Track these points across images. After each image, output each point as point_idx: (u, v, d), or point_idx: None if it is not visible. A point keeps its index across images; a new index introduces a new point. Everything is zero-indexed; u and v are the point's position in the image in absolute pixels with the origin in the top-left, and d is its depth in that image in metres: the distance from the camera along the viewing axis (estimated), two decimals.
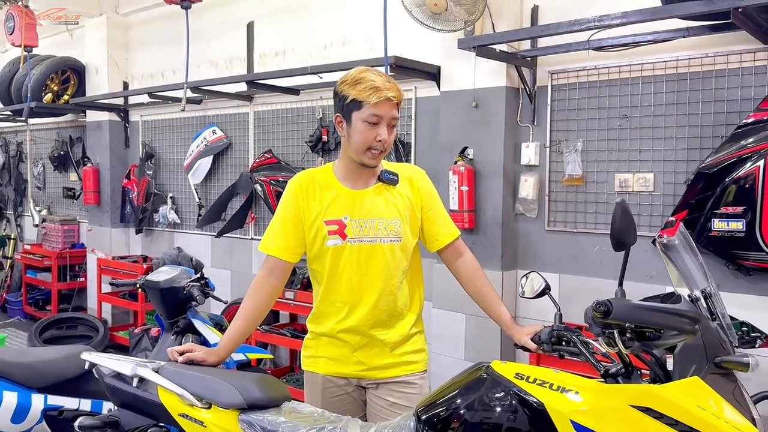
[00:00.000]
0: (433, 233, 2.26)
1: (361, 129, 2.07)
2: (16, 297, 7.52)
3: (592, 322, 1.64)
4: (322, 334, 2.24)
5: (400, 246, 2.18)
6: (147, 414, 1.91)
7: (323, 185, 2.19)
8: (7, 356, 2.72)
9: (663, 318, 1.60)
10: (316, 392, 2.25)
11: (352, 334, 2.19)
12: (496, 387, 1.71)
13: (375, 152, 2.09)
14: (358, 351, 2.20)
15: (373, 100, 2.03)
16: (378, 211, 2.16)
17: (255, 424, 1.79)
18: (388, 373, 2.21)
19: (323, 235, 2.15)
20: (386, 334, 2.20)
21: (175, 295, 3.21)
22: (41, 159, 7.83)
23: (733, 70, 3.15)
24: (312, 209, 2.16)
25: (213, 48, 5.60)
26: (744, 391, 1.69)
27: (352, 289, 2.16)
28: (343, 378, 2.24)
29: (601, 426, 1.56)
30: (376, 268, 2.15)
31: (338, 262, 2.15)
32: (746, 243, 2.98)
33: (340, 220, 2.14)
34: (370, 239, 2.15)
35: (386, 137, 2.08)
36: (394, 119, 2.10)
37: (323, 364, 2.25)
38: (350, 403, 2.25)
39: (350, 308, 2.17)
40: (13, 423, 2.61)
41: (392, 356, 2.21)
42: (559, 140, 3.72)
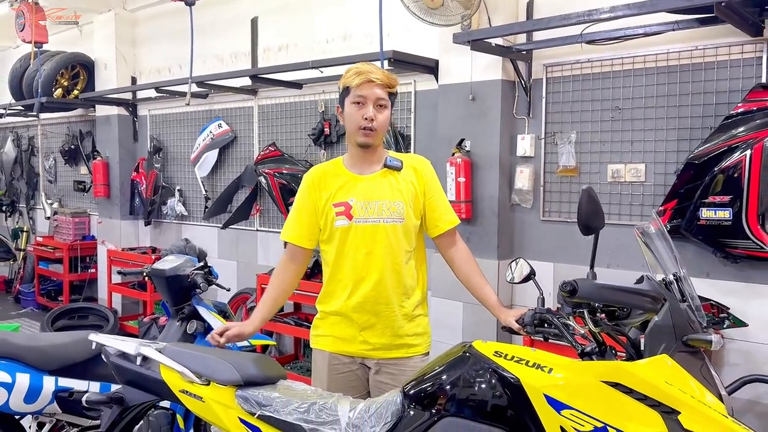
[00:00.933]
0: (434, 219, 2.40)
1: (350, 111, 2.27)
2: (28, 288, 7.69)
3: (563, 302, 1.74)
4: (330, 313, 2.39)
5: (403, 226, 2.33)
6: (150, 390, 2.02)
7: (333, 175, 2.38)
8: (19, 340, 2.85)
9: (625, 297, 1.70)
10: (323, 369, 2.39)
11: (359, 313, 2.32)
12: (476, 364, 1.82)
13: (365, 131, 2.25)
14: (364, 331, 2.34)
15: (356, 83, 2.23)
16: (382, 194, 2.32)
17: (250, 399, 1.91)
18: (391, 353, 2.35)
19: (332, 217, 2.32)
20: (391, 313, 2.33)
21: (180, 282, 3.32)
22: (52, 153, 7.99)
23: (722, 62, 3.22)
24: (323, 197, 2.35)
25: (218, 43, 5.71)
26: (712, 369, 1.78)
27: (357, 268, 2.31)
28: (348, 356, 2.37)
29: (573, 400, 1.66)
30: (379, 247, 2.30)
31: (345, 241, 2.31)
32: (733, 231, 3.05)
33: (346, 202, 2.32)
34: (374, 219, 2.30)
35: (372, 115, 2.24)
36: (381, 99, 2.26)
37: (330, 342, 2.39)
38: (355, 380, 2.38)
39: (355, 285, 2.32)
40: (26, 403, 2.73)
41: (395, 337, 2.35)
42: (553, 132, 3.80)
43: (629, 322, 1.80)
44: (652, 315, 1.73)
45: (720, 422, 1.65)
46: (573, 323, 1.88)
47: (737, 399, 3.21)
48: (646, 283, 1.76)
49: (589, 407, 1.65)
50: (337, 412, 1.89)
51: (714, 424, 1.65)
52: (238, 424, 1.91)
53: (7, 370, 2.70)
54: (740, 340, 3.21)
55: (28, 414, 2.82)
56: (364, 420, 1.87)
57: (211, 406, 1.93)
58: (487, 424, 1.75)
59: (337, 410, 1.90)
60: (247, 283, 5.49)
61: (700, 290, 3.24)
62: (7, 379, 2.68)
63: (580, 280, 1.69)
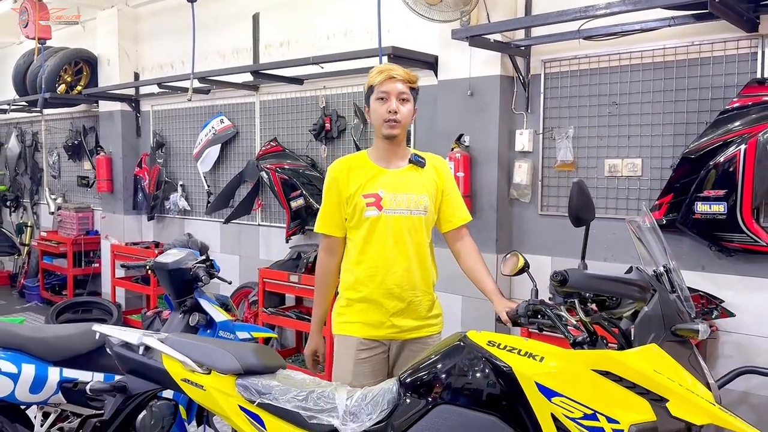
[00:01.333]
0: (448, 215, 2.56)
1: (375, 107, 2.45)
2: (33, 282, 7.76)
3: (555, 292, 1.79)
4: (358, 300, 2.49)
5: (426, 219, 2.49)
6: (152, 379, 2.08)
7: (359, 167, 2.51)
8: (25, 332, 2.90)
9: (614, 286, 1.74)
10: (349, 355, 2.46)
11: (389, 299, 2.45)
12: (470, 353, 1.86)
13: (390, 123, 2.41)
14: (393, 316, 2.46)
15: (378, 80, 2.42)
16: (410, 187, 2.47)
17: (250, 388, 1.96)
18: (413, 334, 2.50)
19: (362, 207, 2.44)
20: (417, 298, 2.48)
21: (182, 275, 3.37)
22: (56, 148, 8.04)
23: (718, 57, 3.26)
24: (350, 187, 2.47)
25: (220, 39, 5.75)
26: (700, 358, 1.82)
27: (387, 255, 2.44)
28: (375, 340, 2.48)
29: (564, 387, 1.71)
30: (407, 236, 2.45)
31: (374, 230, 2.44)
32: (728, 225, 3.09)
33: (376, 193, 2.45)
34: (402, 211, 2.45)
35: (395, 108, 2.40)
36: (403, 93, 2.43)
37: (359, 328, 2.48)
38: (378, 363, 2.49)
39: (384, 273, 2.44)
40: (32, 393, 2.79)
41: (420, 320, 2.51)
42: (551, 127, 3.84)
43: (619, 312, 1.84)
44: (641, 304, 1.78)
45: (707, 409, 1.70)
46: (565, 314, 1.92)
47: (731, 390, 3.26)
48: (634, 273, 1.81)
49: (580, 395, 1.69)
50: (334, 400, 1.94)
51: (701, 411, 1.70)
52: (238, 411, 1.96)
53: (12, 361, 2.76)
54: (734, 333, 3.25)
55: (33, 404, 2.87)
56: (361, 407, 1.92)
57: (211, 394, 1.98)
58: (480, 411, 1.80)
59: (335, 398, 1.95)
60: (249, 278, 5.54)
61: (696, 283, 3.31)
62: (13, 370, 2.74)
63: (571, 270, 1.73)
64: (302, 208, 4.93)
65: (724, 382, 3.02)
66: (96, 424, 2.18)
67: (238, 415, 1.96)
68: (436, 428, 1.82)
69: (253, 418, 1.94)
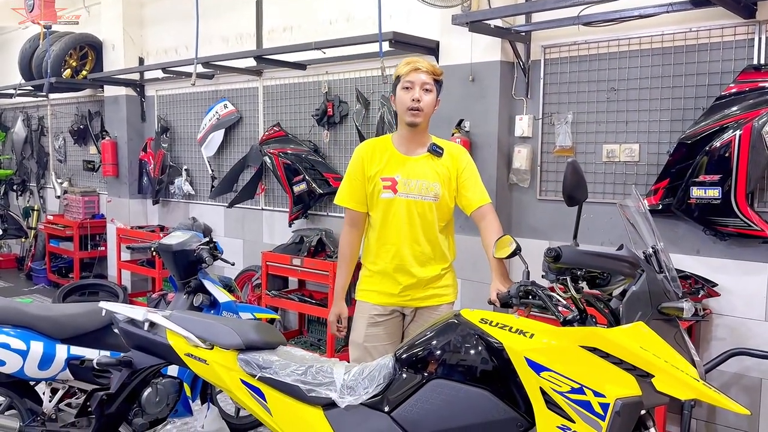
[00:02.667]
0: (468, 198, 2.74)
1: (400, 95, 2.65)
2: (40, 265, 7.86)
3: (548, 269, 1.85)
4: (377, 272, 2.76)
5: (437, 205, 2.71)
6: (157, 354, 2.15)
7: (382, 150, 2.74)
8: (33, 310, 2.97)
9: (605, 262, 1.80)
10: (364, 318, 2.75)
11: (401, 273, 2.70)
12: (463, 330, 1.93)
13: (413, 111, 2.61)
14: (405, 287, 2.72)
15: (405, 71, 2.63)
16: (424, 175, 2.69)
17: (251, 362, 2.03)
18: (425, 303, 2.76)
19: (379, 189, 2.70)
20: (425, 273, 2.72)
21: (187, 257, 3.44)
22: (62, 133, 8.11)
23: (715, 44, 3.29)
24: (372, 168, 2.73)
25: (224, 25, 5.78)
26: (685, 336, 1.88)
27: (400, 234, 2.69)
28: (390, 307, 2.75)
29: (552, 363, 1.77)
30: (417, 218, 2.68)
31: (389, 211, 2.69)
32: (722, 210, 3.14)
33: (393, 177, 2.69)
34: (414, 195, 2.68)
35: (419, 96, 2.60)
36: (426, 84, 2.62)
37: (375, 296, 2.77)
38: (392, 326, 2.76)
39: (398, 249, 2.70)
40: (40, 370, 2.86)
41: (429, 289, 2.75)
42: (551, 113, 3.88)
43: (609, 289, 1.91)
44: (630, 280, 1.84)
45: (691, 385, 1.76)
46: (557, 294, 1.98)
47: (724, 372, 3.33)
48: (624, 250, 1.87)
49: (567, 369, 1.76)
50: (332, 375, 2.01)
51: (685, 386, 1.76)
52: (239, 385, 2.03)
53: (21, 338, 2.83)
54: (727, 316, 3.31)
55: (42, 380, 2.95)
56: (358, 382, 1.99)
57: (214, 369, 2.05)
58: (472, 385, 1.87)
59: (333, 373, 2.01)
60: (253, 261, 5.62)
61: (691, 267, 3.37)
62: (22, 347, 2.81)
63: (564, 247, 1.79)
64: (305, 192, 4.99)
65: (716, 363, 3.09)
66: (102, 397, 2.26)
67: (239, 389, 2.03)
68: (430, 401, 1.89)
69: (254, 391, 2.02)
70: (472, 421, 1.84)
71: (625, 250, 1.87)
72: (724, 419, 3.37)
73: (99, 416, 2.28)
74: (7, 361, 2.78)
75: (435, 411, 1.88)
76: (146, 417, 2.96)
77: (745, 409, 1.83)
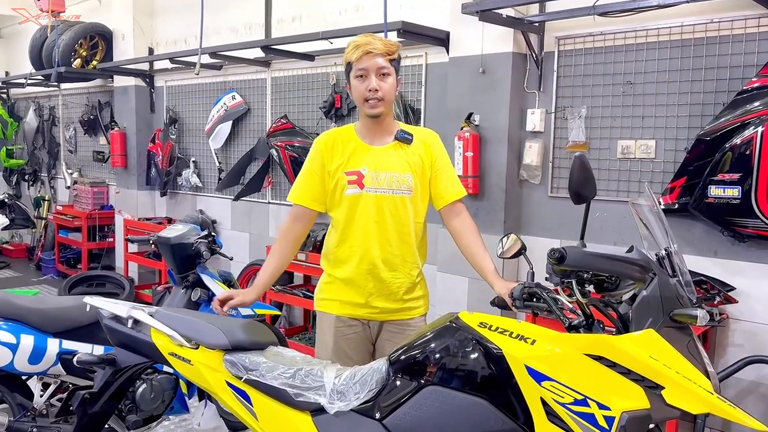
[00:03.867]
0: (439, 191, 2.44)
1: (355, 85, 2.32)
2: (49, 255, 7.86)
3: (552, 272, 1.73)
4: (339, 278, 2.45)
5: (411, 198, 2.40)
6: (141, 353, 2.06)
7: (345, 141, 2.42)
8: (25, 302, 2.91)
9: (613, 265, 1.68)
10: (329, 332, 2.45)
11: (367, 280, 2.39)
12: (461, 335, 1.81)
13: (372, 102, 2.30)
14: (371, 297, 2.41)
15: (355, 57, 2.28)
16: (393, 166, 2.38)
17: (237, 363, 1.93)
18: (394, 316, 2.45)
19: (343, 184, 2.38)
20: (397, 279, 2.41)
21: (185, 250, 3.36)
22: (72, 123, 8.08)
23: (738, 35, 3.13)
24: (334, 162, 2.40)
25: (233, 15, 5.70)
26: (699, 345, 1.75)
27: (367, 235, 2.37)
28: (354, 319, 2.44)
29: (555, 371, 1.65)
30: (388, 216, 2.37)
31: (355, 209, 2.37)
32: (742, 210, 2.99)
33: (359, 171, 2.37)
34: (384, 190, 2.37)
35: (375, 86, 2.28)
36: (383, 68, 2.29)
37: (337, 306, 2.45)
38: (359, 342, 2.45)
39: (364, 253, 2.38)
40: (30, 363, 2.80)
41: (399, 302, 2.44)
42: (564, 107, 3.73)
43: (617, 294, 1.78)
44: (641, 285, 1.71)
45: (704, 398, 1.63)
46: (562, 297, 1.86)
47: (741, 380, 3.18)
48: (635, 252, 1.73)
49: (570, 379, 1.63)
50: (322, 379, 1.90)
51: (698, 399, 1.63)
52: (225, 387, 1.94)
53: (11, 331, 2.77)
54: (745, 321, 3.16)
55: (33, 374, 2.89)
56: (348, 386, 1.88)
57: (199, 370, 1.95)
58: (469, 393, 1.75)
59: (323, 376, 1.91)
60: (259, 255, 5.54)
61: (708, 269, 3.22)
62: (12, 340, 2.75)
63: (569, 248, 1.67)
64: None
65: (732, 370, 2.94)
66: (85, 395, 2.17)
67: (224, 391, 1.94)
68: (424, 409, 1.78)
69: (239, 394, 1.92)
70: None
71: (636, 252, 1.74)
72: (740, 428, 3.22)
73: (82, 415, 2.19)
74: None
75: (429, 420, 1.77)
76: (140, 414, 2.90)
77: (762, 424, 1.70)
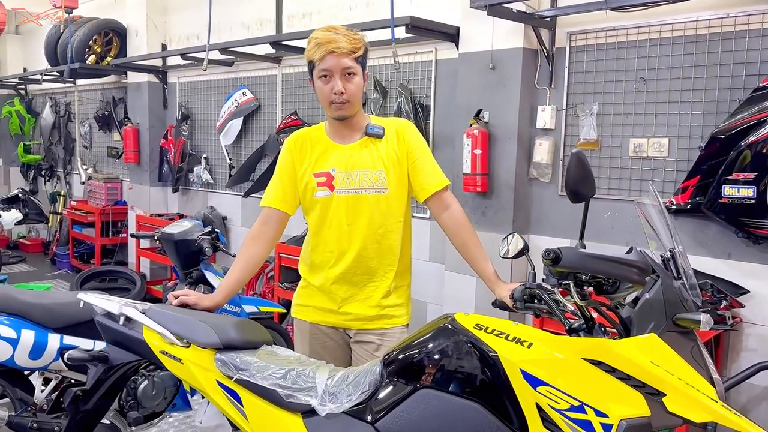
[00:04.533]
0: (420, 183, 2.29)
1: (319, 86, 2.18)
2: (63, 250, 7.92)
3: (549, 273, 1.67)
4: (313, 284, 2.35)
5: (386, 197, 2.25)
6: (132, 350, 2.03)
7: (314, 141, 2.30)
8: (26, 297, 2.90)
9: (611, 266, 1.61)
10: (305, 339, 2.37)
11: (340, 284, 2.28)
12: (456, 336, 1.75)
13: (337, 104, 2.17)
14: (344, 302, 2.30)
15: (317, 56, 2.12)
16: (363, 164, 2.24)
17: (228, 363, 1.89)
18: (372, 324, 2.31)
19: (312, 186, 2.26)
20: (372, 284, 2.29)
21: (188, 247, 3.35)
22: (88, 119, 8.13)
23: (754, 31, 3.04)
24: (303, 163, 2.29)
25: (245, 10, 5.68)
26: (703, 351, 1.68)
27: (341, 238, 2.26)
28: (329, 327, 2.34)
29: (551, 376, 1.59)
30: (362, 218, 2.24)
31: (327, 212, 2.26)
32: (757, 211, 2.90)
33: (328, 172, 2.25)
34: (356, 190, 2.24)
35: (341, 88, 2.13)
36: (348, 68, 2.13)
37: (311, 312, 2.36)
38: (336, 350, 2.35)
39: (338, 257, 2.27)
40: (31, 359, 2.79)
41: (376, 309, 2.29)
42: (575, 103, 3.66)
43: (617, 297, 1.71)
44: (639, 287, 1.65)
45: (707, 406, 1.56)
46: (562, 298, 1.79)
47: (754, 386, 3.09)
48: (634, 254, 1.66)
49: (567, 385, 1.57)
50: (314, 380, 1.86)
51: (701, 407, 1.56)
52: (215, 386, 1.90)
53: (12, 326, 2.76)
54: (759, 325, 3.07)
55: (34, 369, 2.88)
56: (341, 388, 1.84)
57: (189, 368, 1.92)
58: (463, 397, 1.69)
59: (315, 377, 1.87)
60: None
61: (721, 272, 3.13)
62: (12, 335, 2.74)
63: (564, 248, 1.60)
64: None
65: (744, 376, 2.86)
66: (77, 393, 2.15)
67: (215, 391, 1.90)
68: (417, 413, 1.73)
69: (230, 394, 1.88)
70: None
71: (634, 253, 1.67)
72: None
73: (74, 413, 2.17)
74: None
75: (422, 423, 1.72)
76: (142, 410, 2.87)
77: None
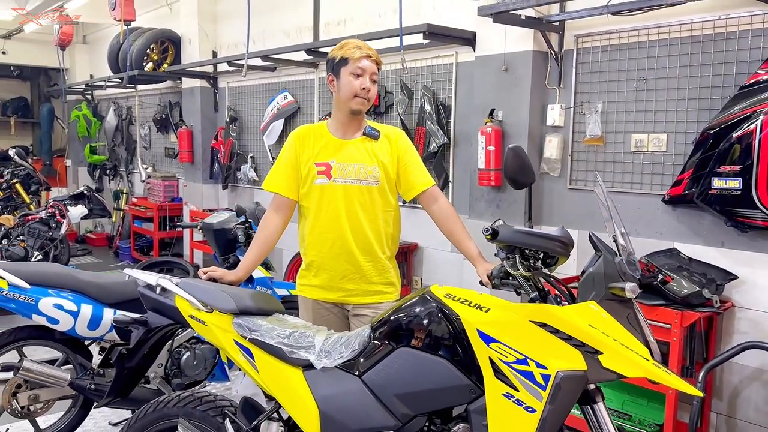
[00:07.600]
0: (408, 183, 2.67)
1: (349, 80, 2.54)
2: (125, 244, 8.56)
3: (498, 249, 1.97)
4: (312, 264, 2.70)
5: (378, 189, 2.62)
6: (167, 315, 2.42)
7: (317, 136, 2.67)
8: (86, 277, 3.36)
9: (537, 240, 1.91)
10: (308, 313, 2.75)
11: (337, 263, 2.63)
12: (429, 304, 2.07)
13: (361, 99, 2.54)
14: (342, 279, 2.66)
15: (357, 55, 2.53)
16: (360, 158, 2.61)
17: (243, 325, 2.26)
18: (366, 299, 2.68)
19: (313, 174, 2.61)
20: (365, 264, 2.64)
21: (225, 235, 3.76)
22: (147, 122, 8.75)
23: (744, 31, 3.21)
24: (306, 154, 2.64)
25: (286, 18, 6.09)
26: (640, 317, 1.94)
27: (336, 223, 2.60)
28: (329, 302, 2.71)
29: (501, 335, 1.89)
30: (356, 205, 2.60)
31: (323, 198, 2.61)
32: (743, 201, 3.08)
33: (327, 162, 2.61)
34: (351, 180, 2.59)
35: (369, 86, 2.54)
36: (375, 74, 2.57)
37: (314, 291, 2.72)
38: (336, 322, 2.71)
39: (334, 239, 2.61)
40: (89, 329, 3.25)
41: (370, 284, 2.67)
42: (582, 102, 3.89)
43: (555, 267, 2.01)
44: (564, 259, 1.94)
45: (638, 363, 1.82)
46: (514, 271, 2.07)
47: (745, 367, 3.27)
48: (558, 230, 1.97)
49: (514, 342, 1.87)
50: (313, 340, 2.21)
51: (632, 364, 1.83)
52: (233, 345, 2.27)
53: (73, 301, 3.22)
54: (750, 309, 3.24)
55: (92, 339, 3.34)
56: (335, 347, 2.18)
57: (212, 329, 2.30)
58: (433, 354, 2.01)
59: (314, 338, 2.21)
60: None
61: (715, 259, 3.33)
62: (73, 308, 3.20)
63: (501, 226, 1.92)
64: None
65: (728, 355, 3.06)
66: (122, 351, 2.57)
67: (233, 348, 2.27)
68: (395, 367, 2.05)
69: (244, 351, 2.24)
70: (431, 387, 1.99)
71: (559, 230, 1.96)
72: (744, 414, 3.30)
73: (120, 369, 2.59)
74: (61, 320, 3.18)
75: (399, 376, 2.04)
76: (184, 378, 3.29)
77: (697, 390, 1.88)
